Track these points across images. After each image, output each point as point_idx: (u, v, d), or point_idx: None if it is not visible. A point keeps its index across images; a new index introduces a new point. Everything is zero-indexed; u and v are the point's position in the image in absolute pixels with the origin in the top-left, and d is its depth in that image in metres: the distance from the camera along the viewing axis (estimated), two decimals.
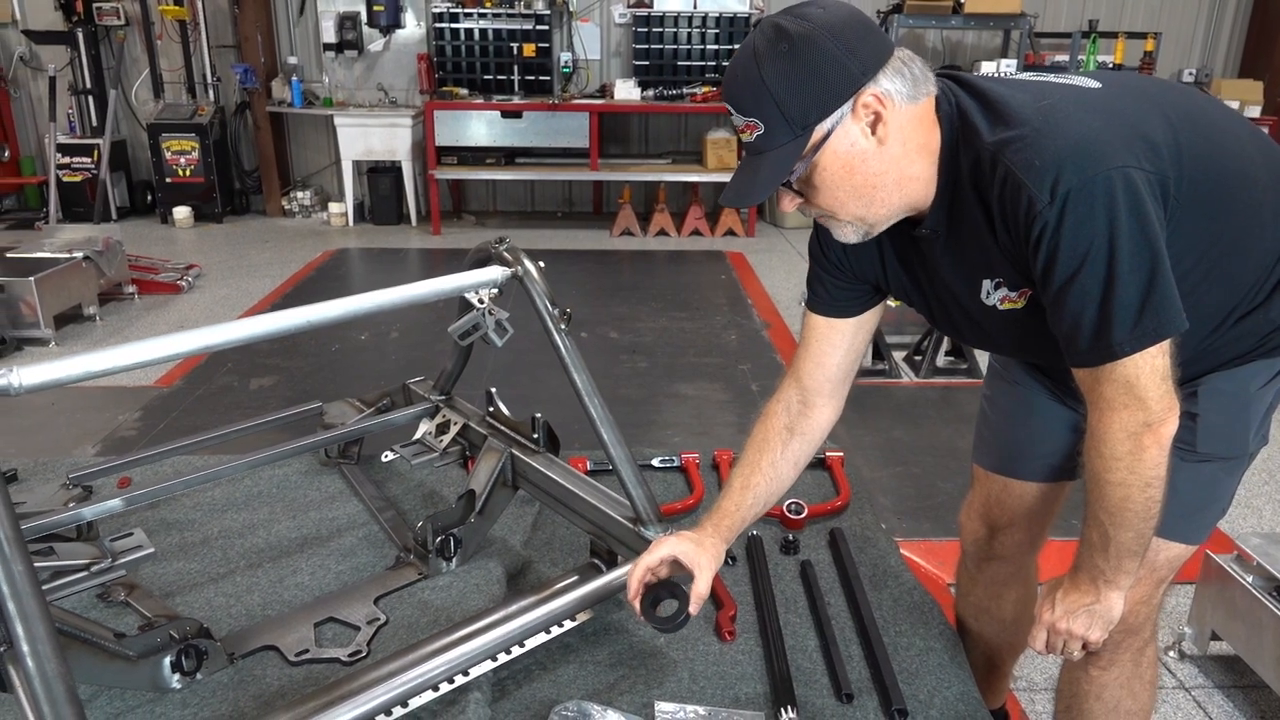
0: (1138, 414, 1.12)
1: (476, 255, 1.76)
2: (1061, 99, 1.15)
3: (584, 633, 1.62)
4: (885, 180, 1.18)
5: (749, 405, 3.77)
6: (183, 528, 1.97)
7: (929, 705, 1.47)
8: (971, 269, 1.24)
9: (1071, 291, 1.10)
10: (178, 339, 1.30)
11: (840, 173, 1.17)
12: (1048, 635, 1.31)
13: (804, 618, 1.70)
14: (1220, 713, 2.12)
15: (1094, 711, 1.47)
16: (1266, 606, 2.01)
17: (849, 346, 1.46)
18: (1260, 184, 1.21)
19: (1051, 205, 1.07)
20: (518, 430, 1.88)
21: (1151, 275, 1.08)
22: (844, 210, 1.21)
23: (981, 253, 1.20)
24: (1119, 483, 1.16)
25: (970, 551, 1.71)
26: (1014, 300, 1.23)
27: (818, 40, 1.10)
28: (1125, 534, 1.20)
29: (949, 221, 1.22)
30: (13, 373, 1.18)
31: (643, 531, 1.57)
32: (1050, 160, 1.07)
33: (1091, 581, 1.26)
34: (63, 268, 4.62)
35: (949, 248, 1.25)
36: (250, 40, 7.18)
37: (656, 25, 7.24)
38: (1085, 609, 1.27)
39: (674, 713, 1.42)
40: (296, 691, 1.49)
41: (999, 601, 1.70)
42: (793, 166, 1.15)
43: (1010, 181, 1.10)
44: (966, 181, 1.16)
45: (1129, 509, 1.18)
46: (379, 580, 1.79)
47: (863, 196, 1.19)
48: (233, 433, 2.13)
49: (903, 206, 1.22)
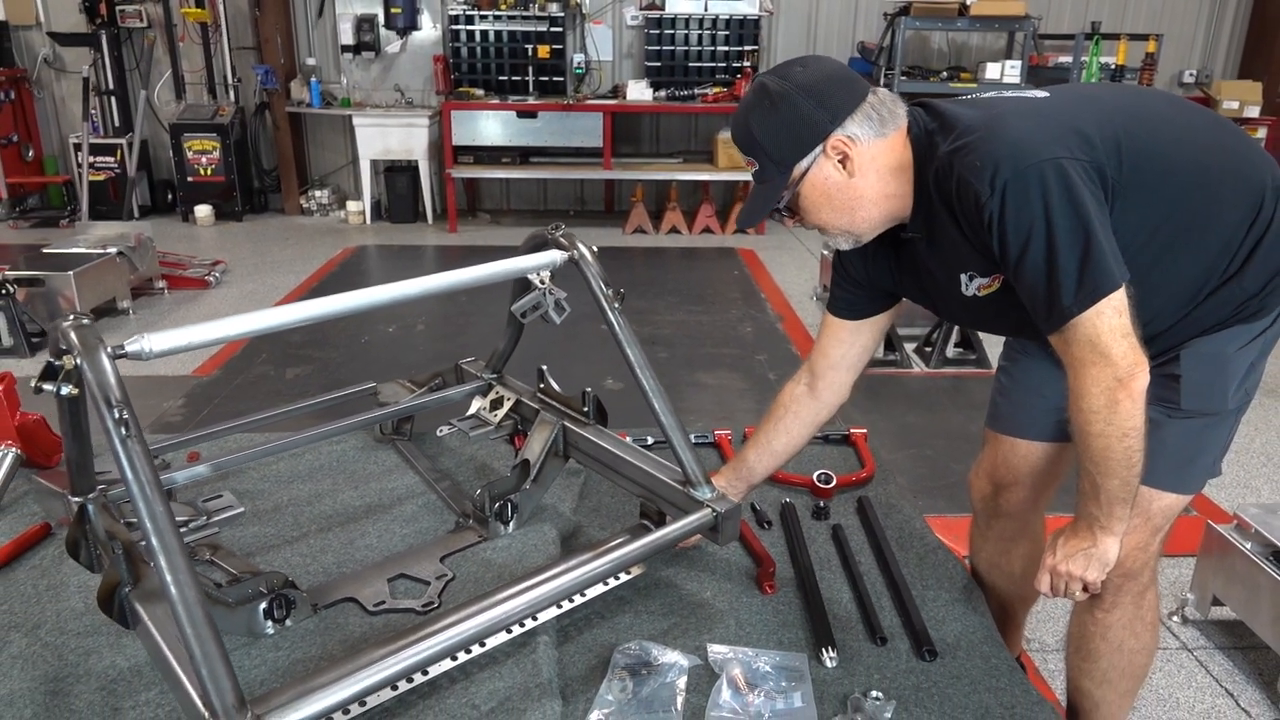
0: (1106, 370, 1.29)
1: (533, 240, 1.90)
2: (1006, 110, 1.38)
3: (636, 586, 1.76)
4: (863, 201, 1.43)
5: (767, 392, 3.91)
6: (254, 497, 2.11)
7: (956, 648, 1.62)
8: (949, 265, 1.47)
9: (1024, 268, 1.30)
10: (285, 311, 1.45)
11: (820, 199, 1.44)
12: (1050, 578, 1.48)
13: (837, 574, 1.84)
14: (1221, 671, 2.26)
15: (1100, 650, 1.63)
16: (1264, 570, 2.16)
17: (860, 343, 1.72)
18: (1213, 170, 1.39)
19: (993, 197, 1.28)
20: (569, 404, 2.01)
21: (1086, 243, 1.26)
22: (831, 227, 1.48)
23: (954, 250, 1.43)
24: (1099, 434, 1.33)
25: (979, 509, 1.89)
26: (989, 286, 1.44)
27: (792, 98, 1.38)
28: (1111, 481, 1.36)
29: (926, 226, 1.45)
30: (144, 339, 1.32)
31: (692, 492, 1.71)
32: (989, 159, 1.29)
33: (1088, 528, 1.43)
34: (98, 263, 4.77)
35: (930, 249, 1.48)
36: (270, 42, 7.33)
37: (668, 27, 7.39)
38: (1083, 552, 1.43)
39: (725, 653, 1.57)
40: (377, 637, 1.63)
41: (1008, 557, 1.87)
42: (779, 196, 1.44)
43: (961, 182, 1.32)
44: (933, 190, 1.39)
45: (1111, 458, 1.34)
46: (442, 542, 1.93)
47: (844, 215, 1.46)
48: (293, 411, 2.27)
49: (885, 219, 1.47)
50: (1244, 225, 1.40)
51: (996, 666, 1.57)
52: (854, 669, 1.56)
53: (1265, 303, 1.45)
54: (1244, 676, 2.24)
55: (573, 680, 1.53)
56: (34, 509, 2.04)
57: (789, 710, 1.44)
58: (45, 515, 1.99)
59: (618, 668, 1.51)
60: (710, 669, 1.53)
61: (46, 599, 1.73)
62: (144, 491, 1.22)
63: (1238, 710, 2.13)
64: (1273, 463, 3.39)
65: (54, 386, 1.42)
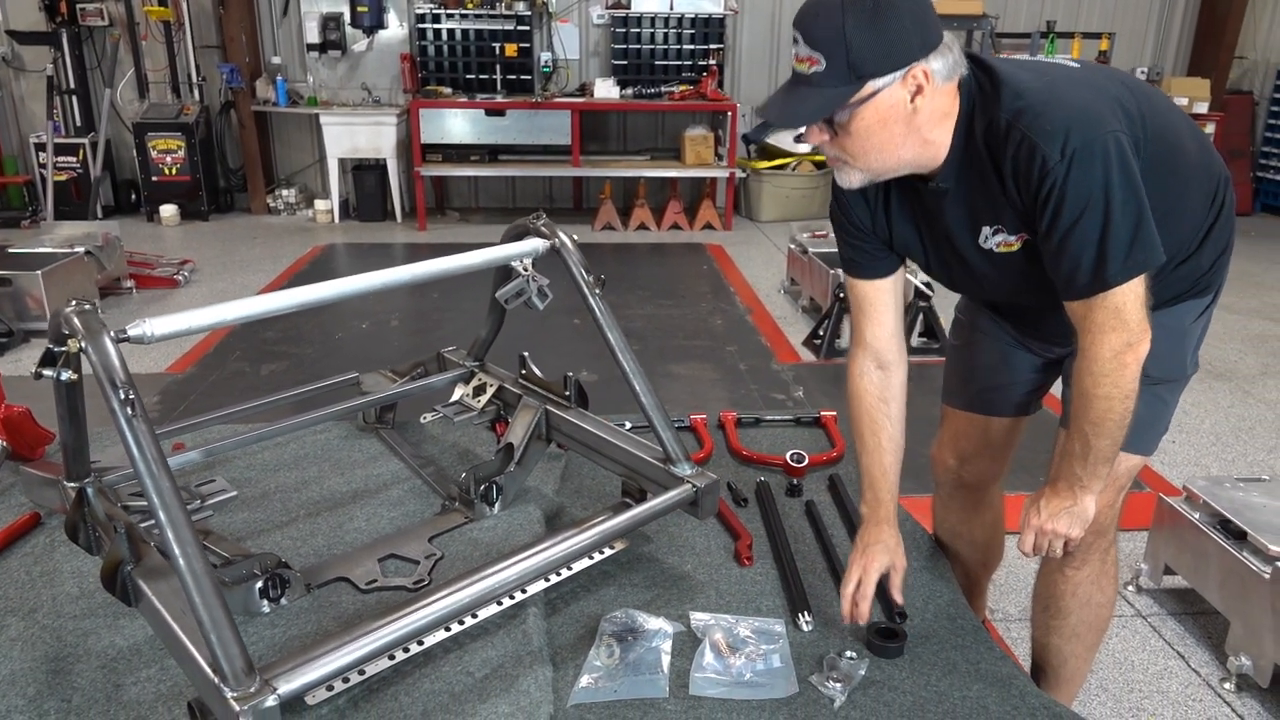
0: (1122, 335, 1.37)
1: (515, 230, 1.96)
2: (1058, 77, 1.40)
3: (619, 561, 1.83)
4: (906, 141, 1.38)
5: (738, 382, 4.01)
6: (241, 484, 2.14)
7: (924, 610, 1.70)
8: (974, 216, 1.48)
9: (1075, 234, 1.33)
10: (282, 296, 1.50)
11: (874, 126, 1.35)
12: (1035, 537, 1.54)
13: (811, 546, 1.92)
14: (1173, 636, 2.38)
15: (1070, 606, 1.73)
16: (1211, 538, 2.28)
17: (896, 303, 1.69)
18: (1190, 153, 1.49)
19: (1061, 162, 1.29)
20: (550, 389, 2.08)
21: (1138, 219, 1.32)
22: (861, 159, 1.40)
23: (986, 203, 1.44)
24: (1105, 395, 1.40)
25: (942, 481, 1.99)
26: (1010, 244, 1.47)
27: (899, 10, 1.29)
28: (1103, 442, 1.45)
29: (959, 176, 1.44)
30: (146, 324, 1.36)
31: (672, 469, 1.78)
32: (1060, 125, 1.30)
33: (1069, 488, 1.51)
34: (66, 262, 4.74)
35: (956, 199, 1.48)
36: (235, 40, 7.30)
37: (634, 26, 7.47)
38: (1065, 511, 1.52)
39: (707, 620, 1.64)
40: (372, 612, 1.68)
41: (970, 525, 1.98)
42: (839, 108, 1.33)
43: (1025, 143, 1.32)
44: (980, 143, 1.39)
45: (1110, 419, 1.42)
46: (430, 523, 1.98)
47: (883, 151, 1.39)
48: (277, 400, 2.30)
49: (911, 164, 1.44)
50: (1206, 206, 1.52)
51: (962, 627, 1.66)
52: (829, 632, 1.64)
53: (1211, 279, 1.58)
54: (1194, 640, 2.37)
55: (562, 648, 1.60)
56: (21, 500, 2.06)
57: (768, 670, 1.52)
58: (34, 505, 2.02)
59: (605, 635, 1.58)
60: (693, 635, 1.60)
61: (41, 584, 1.76)
62: (150, 469, 1.27)
63: (1188, 671, 2.25)
64: (1221, 442, 3.55)
65: (54, 372, 1.46)
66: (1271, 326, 5.02)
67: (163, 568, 1.47)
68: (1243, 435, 3.61)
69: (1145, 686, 2.21)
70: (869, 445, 1.73)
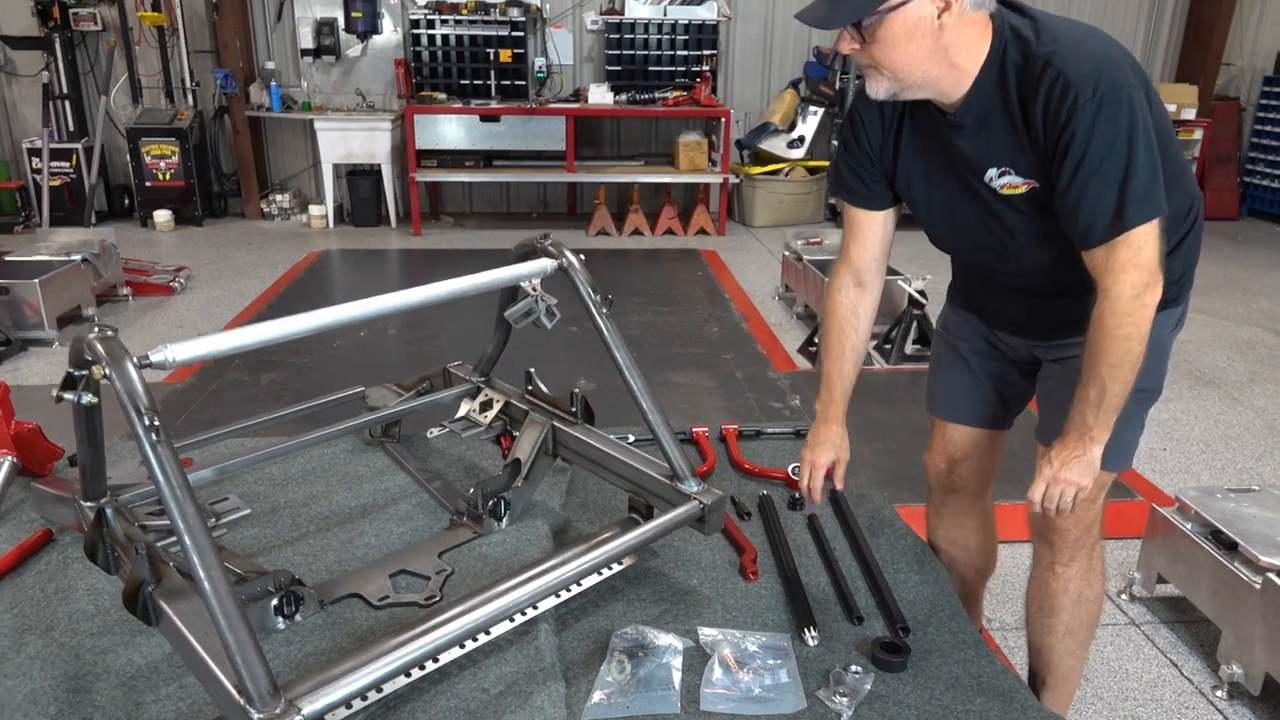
0: (1142, 274, 1.46)
1: (522, 249, 1.99)
2: (1088, 32, 1.53)
3: (627, 576, 1.87)
4: (932, 58, 1.47)
5: (735, 390, 4.05)
6: (250, 500, 2.17)
7: (926, 624, 1.74)
8: (986, 154, 1.56)
9: (1099, 175, 1.42)
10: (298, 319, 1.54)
11: (900, 36, 1.44)
12: (1047, 487, 1.61)
13: (814, 560, 1.96)
14: (1166, 644, 2.43)
15: (1062, 603, 1.82)
16: (1204, 549, 2.33)
17: (884, 235, 1.82)
18: (1175, 159, 1.59)
19: (1092, 100, 1.39)
20: (557, 405, 2.11)
21: (1154, 167, 1.43)
22: (888, 67, 1.48)
23: (1002, 144, 1.53)
24: (1125, 336, 1.48)
25: (935, 487, 2.07)
26: (1015, 186, 1.55)
27: None
28: (1117, 385, 1.52)
29: (981, 112, 1.53)
30: (167, 350, 1.39)
31: (679, 486, 1.82)
32: (1094, 67, 1.41)
33: (1079, 439, 1.59)
34: (63, 270, 4.75)
35: (971, 135, 1.56)
36: (229, 46, 7.30)
37: (628, 32, 7.50)
38: (1076, 459, 1.59)
39: (715, 635, 1.67)
40: (384, 630, 1.71)
41: (963, 530, 2.06)
42: (871, 11, 1.41)
43: (1060, 80, 1.41)
44: (1011, 80, 1.48)
45: (1128, 360, 1.50)
46: (439, 539, 2.01)
47: (908, 62, 1.47)
48: (285, 416, 2.33)
49: (935, 85, 1.52)
50: (1183, 216, 1.60)
51: (964, 640, 1.70)
52: (834, 646, 1.68)
53: (1181, 290, 1.68)
54: (1186, 648, 2.41)
55: (574, 664, 1.63)
56: (32, 516, 2.08)
57: (776, 685, 1.55)
58: (46, 521, 2.04)
59: (616, 651, 1.61)
60: (702, 650, 1.64)
61: (56, 602, 1.78)
62: (175, 494, 1.30)
63: (1181, 679, 2.30)
64: (1211, 449, 3.60)
65: (75, 396, 1.50)
66: (1259, 333, 5.09)
67: (183, 588, 1.49)
68: (1232, 442, 3.66)
69: (1139, 695, 2.26)
70: (833, 351, 1.88)
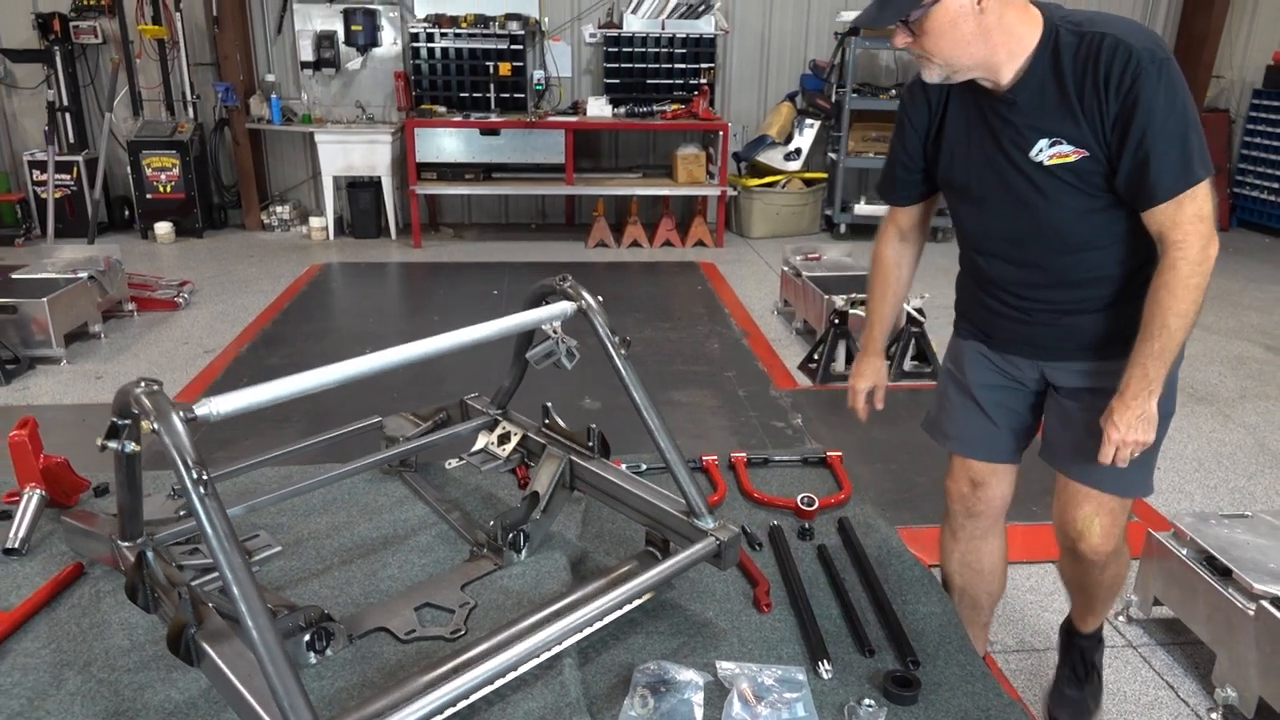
0: (1208, 226, 1.63)
1: (539, 290, 2.06)
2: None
3: (645, 609, 1.93)
4: (976, 41, 1.64)
5: (738, 409, 4.11)
6: (273, 531, 2.22)
7: (935, 656, 1.81)
8: (1036, 127, 1.70)
9: (1163, 133, 1.58)
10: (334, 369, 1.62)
11: (945, 25, 1.62)
12: (1116, 449, 1.75)
13: (825, 591, 2.03)
14: (1162, 665, 2.51)
15: (1096, 591, 2.13)
16: (1198, 574, 2.40)
17: (926, 212, 2.09)
18: None
19: (1154, 65, 1.56)
20: (574, 439, 2.17)
21: (1202, 133, 1.62)
22: (938, 54, 1.66)
23: (1055, 114, 1.67)
24: (1196, 285, 1.63)
25: (956, 509, 2.17)
26: (1065, 155, 1.68)
27: None
28: (1181, 335, 1.67)
29: (1036, 88, 1.67)
30: (210, 403, 1.46)
31: (696, 522, 1.88)
32: (1148, 41, 1.60)
33: (1139, 392, 1.71)
34: (70, 288, 4.79)
35: (1025, 109, 1.70)
36: (229, 59, 7.34)
37: (626, 45, 7.56)
38: (1138, 419, 1.73)
39: (732, 669, 1.74)
40: (412, 664, 1.77)
41: (978, 554, 2.16)
42: (918, 6, 1.60)
43: (1122, 48, 1.57)
44: (1065, 57, 1.63)
45: (1193, 310, 1.65)
46: (461, 570, 2.07)
47: (955, 48, 1.65)
48: (305, 448, 2.39)
49: (983, 65, 1.68)
50: None
51: (972, 673, 1.77)
52: (847, 679, 1.74)
53: None
54: (1182, 670, 2.49)
55: (597, 698, 1.69)
56: (61, 548, 2.13)
57: (793, 719, 1.62)
58: (76, 555, 2.09)
59: (639, 686, 1.68)
60: (720, 684, 1.70)
61: (92, 637, 1.83)
62: (223, 545, 1.35)
63: (1178, 701, 2.38)
64: (1204, 468, 3.68)
65: (118, 444, 1.56)
66: (1249, 348, 5.18)
67: (223, 630, 1.55)
68: (1224, 461, 3.75)
69: (1137, 717, 2.33)
70: (877, 296, 2.17)
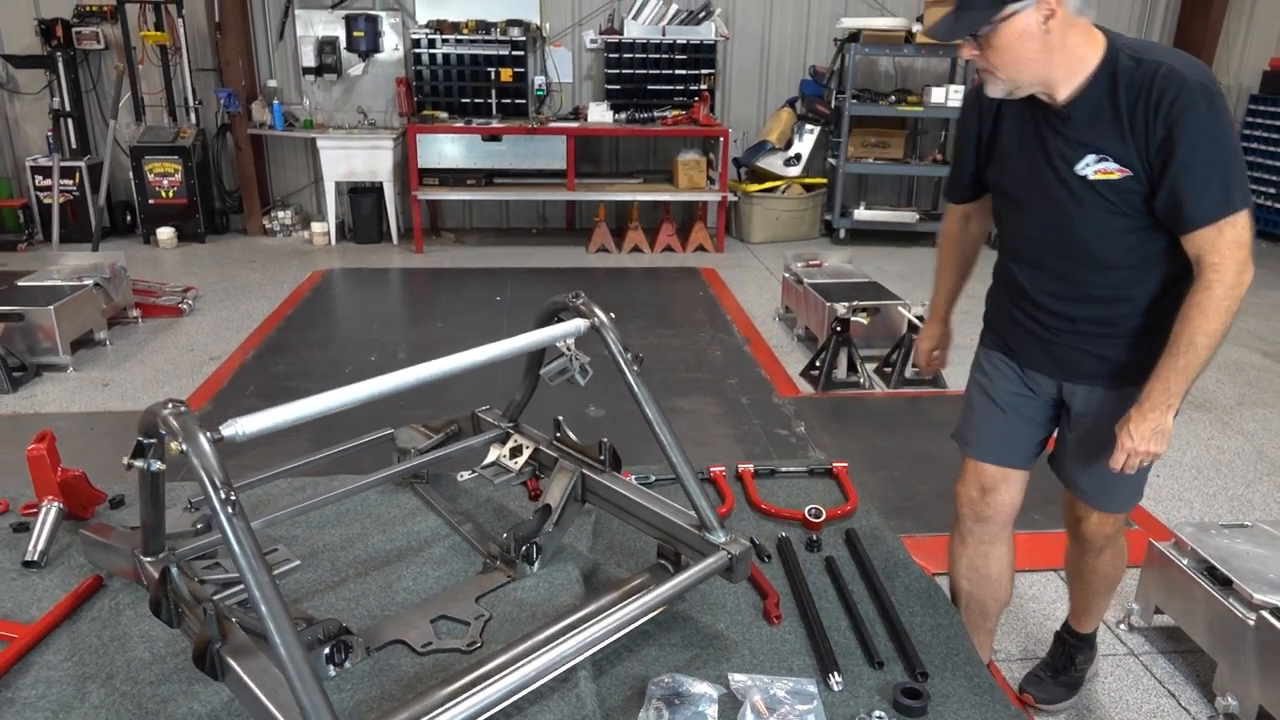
0: (1245, 253, 1.72)
1: (552, 307, 2.09)
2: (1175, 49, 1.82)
3: (657, 621, 1.96)
4: (1040, 59, 1.72)
5: (742, 417, 4.15)
6: (289, 543, 2.25)
7: (944, 668, 1.85)
8: (1085, 143, 1.80)
9: (1208, 162, 1.68)
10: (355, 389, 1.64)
11: (1012, 41, 1.71)
12: (1128, 458, 1.86)
13: (834, 603, 2.06)
14: (1163, 673, 2.54)
15: (1093, 579, 2.28)
16: (1199, 584, 2.44)
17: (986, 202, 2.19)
18: None
19: (1203, 99, 1.66)
20: (585, 453, 2.20)
21: (1244, 166, 1.73)
22: (1002, 70, 1.75)
23: (1105, 133, 1.76)
24: (1227, 309, 1.73)
25: (966, 514, 2.23)
26: (1109, 172, 1.78)
27: None
28: (1205, 355, 1.76)
29: (1091, 106, 1.77)
30: (236, 424, 1.49)
31: (708, 536, 1.91)
32: (1201, 75, 1.69)
33: (1157, 405, 1.81)
34: (76, 296, 4.81)
35: (1078, 125, 1.79)
36: (231, 64, 7.36)
37: (627, 51, 7.59)
38: (1153, 431, 1.83)
39: (745, 681, 1.77)
40: (430, 677, 1.80)
41: (986, 560, 2.22)
42: (987, 22, 1.69)
43: (1174, 78, 1.67)
44: (1122, 81, 1.72)
45: (1222, 331, 1.74)
46: (475, 583, 2.10)
47: (1019, 64, 1.74)
48: (316, 460, 2.42)
49: (1044, 82, 1.77)
50: None
51: (979, 685, 1.81)
52: (858, 691, 1.77)
53: None
54: (1183, 678, 2.53)
55: (612, 710, 1.72)
56: (79, 560, 2.16)
57: None
58: (94, 567, 2.12)
59: (653, 699, 1.71)
60: (733, 696, 1.74)
61: (113, 650, 1.86)
62: (251, 564, 1.38)
63: (1179, 709, 2.41)
64: (1203, 476, 3.73)
65: (144, 463, 1.59)
66: (1247, 354, 5.23)
67: (248, 645, 1.58)
68: (1222, 468, 3.79)
69: None
70: (944, 266, 2.35)
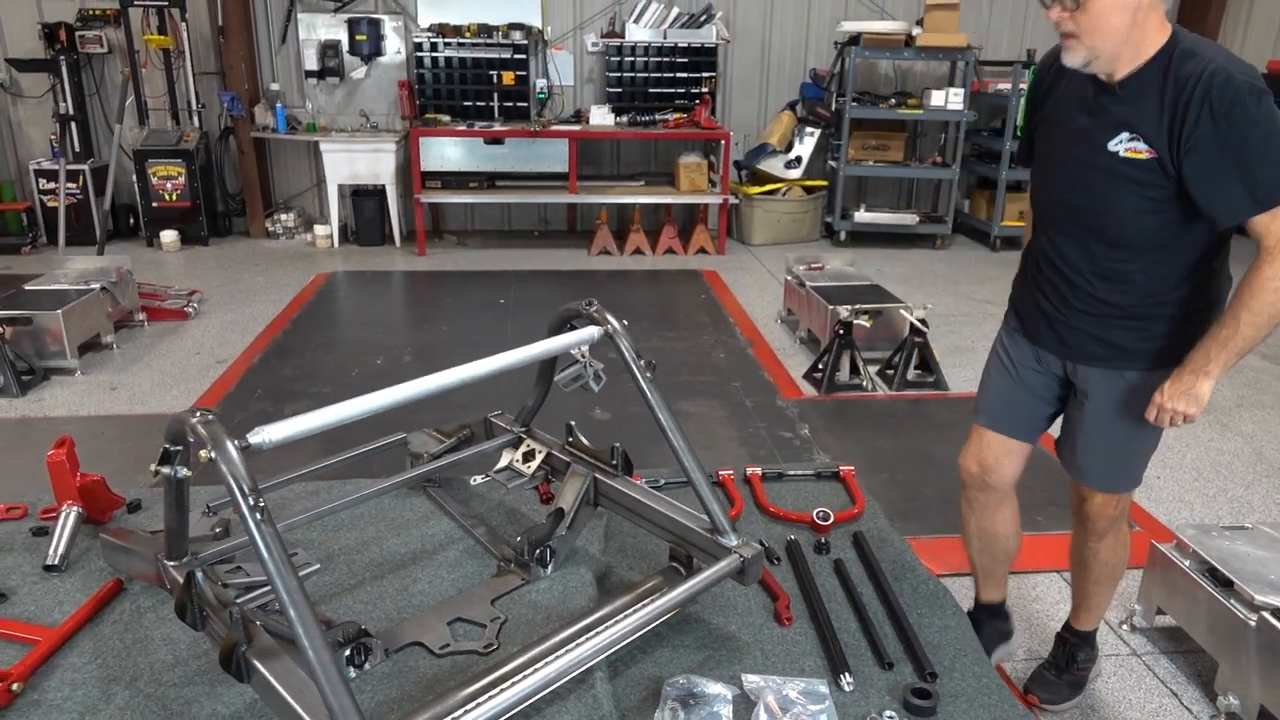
0: None
1: (564, 314, 2.13)
2: None
3: (670, 623, 2.00)
4: (1125, 33, 1.78)
5: (746, 419, 4.18)
6: (305, 546, 2.29)
7: (952, 669, 1.88)
8: (1123, 121, 1.86)
9: (1260, 155, 1.74)
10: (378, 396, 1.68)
11: (1108, 8, 1.76)
12: (1158, 412, 1.95)
13: (843, 605, 2.09)
14: (1166, 673, 2.58)
15: (1094, 566, 2.31)
16: (1200, 585, 2.48)
17: None
18: None
19: (1253, 95, 1.72)
20: (597, 457, 2.24)
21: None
22: (1089, 36, 1.80)
23: (1146, 116, 1.83)
24: (1275, 289, 1.78)
25: (969, 484, 2.37)
26: (1139, 152, 1.85)
27: None
28: (1249, 331, 1.82)
29: (1140, 88, 1.83)
30: (263, 432, 1.53)
31: (720, 540, 1.95)
32: (1248, 77, 1.75)
33: (1193, 374, 1.89)
34: (84, 300, 4.83)
35: (1124, 102, 1.86)
36: (234, 68, 7.39)
37: (628, 54, 7.63)
38: (1184, 394, 1.91)
39: (758, 682, 1.81)
40: (448, 679, 1.83)
41: (993, 521, 2.38)
42: None
43: (1223, 76, 1.73)
44: (1174, 70, 1.78)
45: (1267, 311, 1.80)
46: (489, 585, 2.13)
47: (1106, 32, 1.78)
48: (330, 465, 2.45)
49: (1116, 57, 1.82)
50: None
51: (987, 685, 1.84)
52: (868, 691, 1.81)
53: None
54: (1185, 678, 2.56)
55: (628, 711, 1.75)
56: (98, 564, 2.20)
57: None
58: (114, 571, 2.15)
59: (669, 699, 1.74)
60: (747, 697, 1.77)
61: (136, 652, 1.90)
62: (279, 569, 1.42)
63: (1181, 709, 2.45)
64: (1203, 477, 3.76)
65: (171, 470, 1.63)
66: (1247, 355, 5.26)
67: (272, 648, 1.62)
68: (1222, 470, 3.83)
69: None
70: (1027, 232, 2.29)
